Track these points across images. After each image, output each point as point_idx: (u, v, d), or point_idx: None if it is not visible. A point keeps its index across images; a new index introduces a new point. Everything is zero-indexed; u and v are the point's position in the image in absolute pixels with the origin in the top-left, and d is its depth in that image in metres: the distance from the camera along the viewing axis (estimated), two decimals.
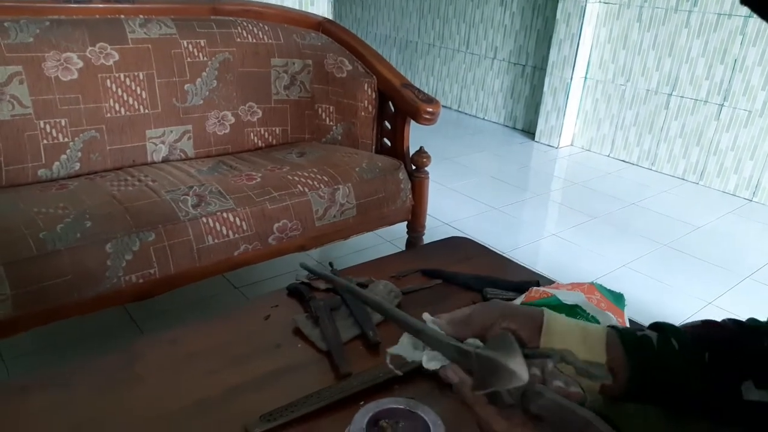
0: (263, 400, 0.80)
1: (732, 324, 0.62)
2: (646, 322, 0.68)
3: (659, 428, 0.65)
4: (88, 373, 0.87)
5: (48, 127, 1.60)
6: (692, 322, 0.63)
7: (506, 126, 4.11)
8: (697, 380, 0.57)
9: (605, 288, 0.91)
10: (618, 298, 0.90)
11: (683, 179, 3.24)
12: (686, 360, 0.57)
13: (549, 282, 1.13)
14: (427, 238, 2.01)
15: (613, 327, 0.61)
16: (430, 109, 1.77)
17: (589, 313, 0.81)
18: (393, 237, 2.27)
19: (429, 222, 2.04)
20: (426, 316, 0.59)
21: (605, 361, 0.56)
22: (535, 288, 0.90)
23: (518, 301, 0.91)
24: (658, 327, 0.61)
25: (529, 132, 3.92)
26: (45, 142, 1.60)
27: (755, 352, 0.58)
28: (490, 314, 0.58)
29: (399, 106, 1.87)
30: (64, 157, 1.64)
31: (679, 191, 3.10)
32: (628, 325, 0.87)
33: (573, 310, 0.82)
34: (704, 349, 0.58)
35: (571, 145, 3.72)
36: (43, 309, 1.26)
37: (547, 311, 0.60)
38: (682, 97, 3.15)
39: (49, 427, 0.76)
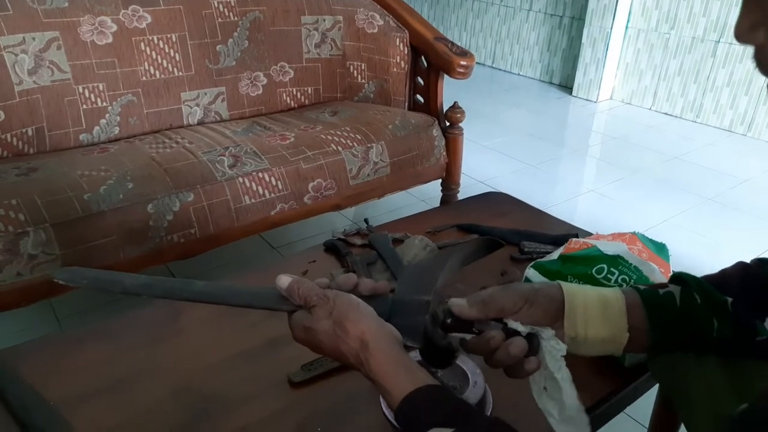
0: (303, 351, 0.80)
1: (759, 262, 0.63)
2: None
3: (717, 375, 0.64)
4: (136, 327, 0.91)
5: (86, 92, 1.63)
6: (723, 268, 0.64)
7: (542, 81, 3.98)
8: (721, 328, 0.58)
9: (647, 238, 0.88)
10: (661, 249, 0.87)
11: (730, 131, 3.09)
12: (709, 312, 0.59)
13: (588, 235, 1.11)
14: (462, 196, 1.98)
15: (634, 287, 0.62)
16: (464, 63, 1.73)
17: (631, 264, 0.79)
18: (427, 196, 2.26)
19: (463, 180, 2.01)
20: (452, 300, 0.59)
21: (626, 329, 0.58)
22: (574, 239, 0.89)
23: (556, 253, 0.89)
24: (681, 280, 0.62)
25: (567, 86, 3.79)
26: (84, 106, 1.63)
27: None
28: (512, 299, 0.58)
29: (432, 61, 1.83)
30: (103, 121, 1.67)
31: (726, 143, 2.97)
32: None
33: (615, 261, 0.80)
34: (727, 294, 0.59)
35: (611, 98, 3.59)
36: (92, 268, 1.30)
37: (564, 287, 0.60)
38: (730, 44, 2.99)
39: (100, 375, 0.80)
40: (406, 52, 1.88)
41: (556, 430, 0.56)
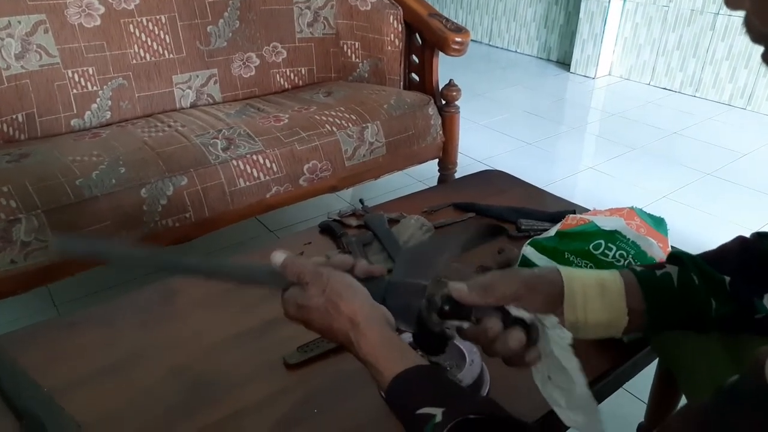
0: (299, 332, 0.80)
1: (758, 236, 0.62)
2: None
3: (719, 357, 0.63)
4: (131, 310, 0.90)
5: (76, 76, 1.60)
6: (723, 244, 0.63)
7: (540, 58, 3.94)
8: (720, 308, 0.58)
9: (645, 212, 0.87)
10: (659, 223, 0.86)
11: (730, 105, 3.07)
12: (707, 292, 0.58)
13: (585, 211, 1.10)
14: (459, 175, 1.97)
15: (631, 269, 0.61)
16: (459, 39, 1.70)
17: (629, 239, 0.78)
18: (424, 177, 2.24)
19: (461, 160, 2.00)
20: (452, 284, 0.57)
21: (626, 312, 0.57)
22: (571, 215, 0.87)
23: (553, 230, 0.88)
24: (679, 259, 0.61)
25: (564, 63, 3.75)
26: (75, 91, 1.61)
27: None
28: (513, 285, 0.57)
29: (426, 38, 1.80)
30: (94, 106, 1.65)
31: (725, 117, 2.94)
32: (670, 250, 0.84)
33: (612, 236, 0.79)
34: (725, 271, 0.59)
35: (609, 74, 3.55)
36: (87, 237, 1.29)
37: (563, 271, 0.59)
38: (730, 15, 2.94)
39: (96, 359, 0.79)
40: (400, 29, 1.85)
41: (563, 418, 0.54)
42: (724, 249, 0.63)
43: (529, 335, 0.55)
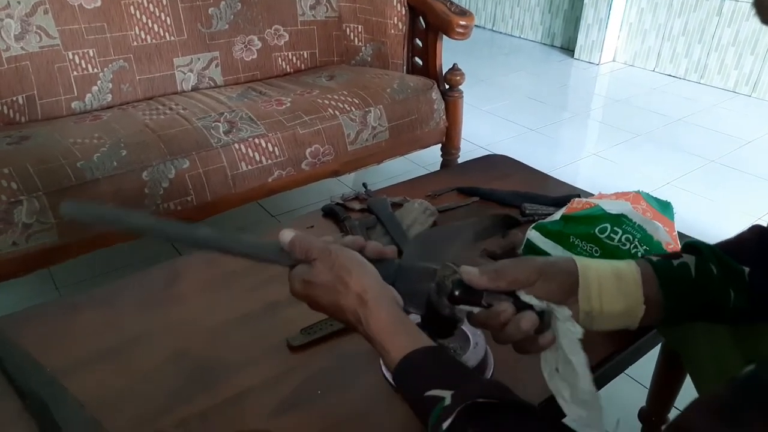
0: (302, 314, 0.80)
1: None
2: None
3: (725, 342, 0.63)
4: (133, 293, 0.90)
5: (77, 58, 1.59)
6: (739, 233, 0.62)
7: (544, 44, 3.90)
8: (738, 298, 0.57)
9: (652, 197, 0.87)
10: (665, 207, 0.85)
11: (734, 92, 3.04)
12: (726, 282, 0.57)
13: (590, 196, 1.09)
14: (462, 161, 1.96)
15: (647, 258, 0.59)
16: (463, 22, 1.68)
17: (635, 222, 0.78)
18: (427, 163, 2.23)
19: (464, 146, 1.98)
20: (464, 268, 0.56)
21: (642, 302, 0.56)
22: (576, 199, 0.87)
23: (558, 214, 0.88)
24: (696, 249, 0.60)
25: (569, 49, 3.72)
26: (75, 73, 1.59)
27: None
28: (526, 271, 0.56)
29: (430, 21, 1.78)
30: (95, 88, 1.64)
31: (730, 104, 2.92)
32: (677, 234, 0.83)
33: (618, 220, 0.78)
34: (744, 261, 0.58)
35: (614, 60, 3.52)
36: (87, 237, 1.29)
37: (578, 260, 0.58)
38: (737, 0, 2.91)
39: (98, 341, 0.79)
40: (403, 12, 1.83)
41: (567, 411, 0.54)
42: (741, 239, 0.61)
43: (542, 319, 0.54)
